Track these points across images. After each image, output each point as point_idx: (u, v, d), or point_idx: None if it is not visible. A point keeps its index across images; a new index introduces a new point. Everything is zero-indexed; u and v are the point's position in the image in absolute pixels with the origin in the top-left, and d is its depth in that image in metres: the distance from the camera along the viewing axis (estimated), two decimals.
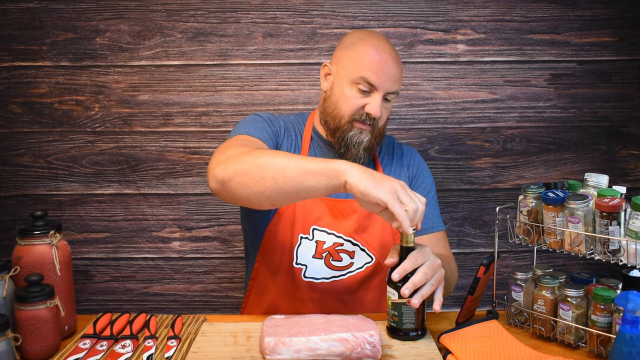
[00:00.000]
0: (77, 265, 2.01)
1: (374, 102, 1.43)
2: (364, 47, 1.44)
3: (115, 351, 1.21)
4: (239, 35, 1.94)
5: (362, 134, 1.45)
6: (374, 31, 1.53)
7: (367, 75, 1.41)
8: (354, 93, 1.44)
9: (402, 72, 1.48)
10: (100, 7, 1.93)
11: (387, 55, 1.43)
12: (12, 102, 1.97)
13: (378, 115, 1.43)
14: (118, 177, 2.00)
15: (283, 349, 1.14)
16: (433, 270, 1.23)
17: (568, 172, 2.01)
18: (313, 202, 1.48)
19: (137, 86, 1.96)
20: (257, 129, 1.43)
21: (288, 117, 1.59)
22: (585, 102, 1.99)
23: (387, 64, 1.42)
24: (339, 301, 1.48)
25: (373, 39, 1.46)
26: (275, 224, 1.49)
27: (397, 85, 1.46)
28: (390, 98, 1.47)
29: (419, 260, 1.21)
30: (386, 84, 1.43)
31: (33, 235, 1.26)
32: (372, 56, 1.42)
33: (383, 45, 1.45)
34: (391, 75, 1.43)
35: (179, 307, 2.06)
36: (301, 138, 1.54)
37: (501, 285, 1.41)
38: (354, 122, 1.45)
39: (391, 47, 1.46)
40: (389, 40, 1.49)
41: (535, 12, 1.95)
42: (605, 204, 1.16)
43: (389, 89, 1.44)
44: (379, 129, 1.48)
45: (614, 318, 1.16)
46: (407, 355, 1.19)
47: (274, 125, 1.50)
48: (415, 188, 1.57)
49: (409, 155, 1.62)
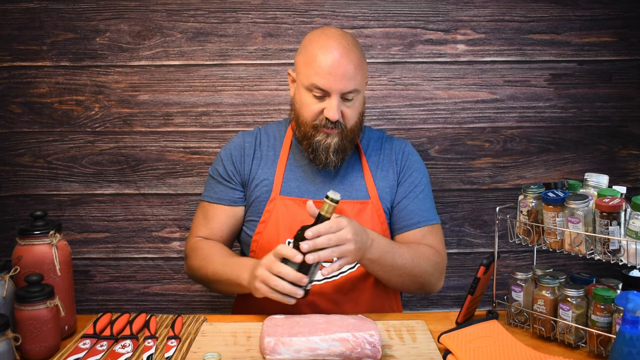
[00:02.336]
0: (77, 265, 2.01)
1: (331, 106, 1.40)
2: (312, 50, 1.41)
3: (115, 351, 1.21)
4: (239, 35, 1.95)
5: (329, 138, 1.43)
6: (327, 28, 1.48)
7: (316, 81, 1.39)
8: (310, 99, 1.42)
9: (358, 65, 1.41)
10: (100, 7, 1.93)
11: (336, 55, 1.38)
12: (12, 102, 1.97)
13: (336, 118, 1.40)
14: (118, 177, 2.00)
15: (283, 349, 1.14)
16: (338, 240, 1.25)
17: (568, 172, 2.01)
18: (297, 205, 1.48)
19: (137, 86, 1.96)
20: (215, 192, 1.56)
21: (267, 128, 1.61)
22: (585, 102, 1.98)
23: (336, 65, 1.38)
24: (332, 302, 1.47)
25: (322, 39, 1.41)
26: (260, 232, 1.50)
27: (353, 82, 1.40)
28: (351, 97, 1.42)
29: (333, 228, 1.25)
30: (338, 86, 1.39)
31: (33, 235, 1.26)
32: (319, 60, 1.39)
33: (331, 45, 1.39)
34: (342, 75, 1.38)
35: (179, 307, 2.06)
36: (281, 146, 1.55)
37: (501, 285, 1.41)
38: (319, 128, 1.43)
39: (342, 43, 1.40)
40: (346, 34, 1.44)
41: (535, 12, 1.94)
42: (605, 204, 1.16)
43: (342, 89, 1.40)
44: (348, 129, 1.45)
45: (614, 318, 1.16)
46: (407, 355, 1.19)
47: (235, 163, 1.54)
48: (403, 181, 1.54)
49: (398, 148, 1.57)
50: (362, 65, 1.43)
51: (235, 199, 1.54)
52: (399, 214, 1.52)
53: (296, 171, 1.53)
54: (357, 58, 1.41)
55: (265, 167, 1.54)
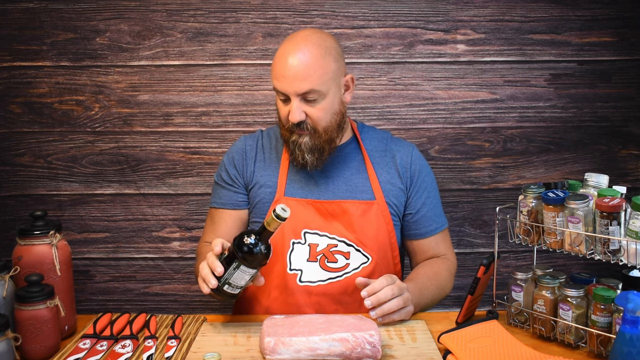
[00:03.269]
0: (77, 265, 2.01)
1: (291, 109, 1.41)
2: (276, 54, 1.43)
3: (115, 351, 1.21)
4: (239, 35, 1.95)
5: (301, 138, 1.44)
6: (300, 30, 1.46)
7: (275, 84, 1.42)
8: (280, 103, 1.45)
9: (310, 65, 1.37)
10: (100, 7, 1.93)
11: (289, 57, 1.38)
12: (12, 102, 1.97)
13: (295, 120, 1.40)
14: (118, 177, 2.00)
15: (283, 349, 1.14)
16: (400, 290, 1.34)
17: (568, 172, 2.01)
18: (300, 205, 1.48)
19: (137, 86, 1.96)
20: (220, 197, 1.57)
21: (269, 130, 1.61)
22: (585, 102, 1.98)
23: (288, 66, 1.37)
24: (337, 303, 1.47)
25: (285, 42, 1.43)
26: None
27: (307, 83, 1.37)
28: (312, 97, 1.40)
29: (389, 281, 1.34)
30: (291, 87, 1.38)
31: (33, 235, 1.26)
32: (277, 63, 1.41)
33: (287, 47, 1.40)
34: (293, 76, 1.37)
35: (179, 307, 2.06)
36: (282, 148, 1.55)
37: (501, 285, 1.41)
38: (292, 129, 1.44)
39: (298, 46, 1.38)
40: (312, 34, 1.41)
41: (535, 12, 1.94)
42: (606, 204, 1.16)
43: (297, 90, 1.38)
44: (321, 130, 1.44)
45: (614, 318, 1.16)
46: (407, 355, 1.19)
47: (237, 166, 1.55)
48: (415, 191, 1.55)
49: (404, 153, 1.56)
50: (319, 64, 1.39)
51: (239, 202, 1.55)
52: (416, 221, 1.55)
53: (299, 173, 1.52)
54: (311, 58, 1.38)
55: (268, 169, 1.54)
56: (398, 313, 1.33)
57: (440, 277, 1.51)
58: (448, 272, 1.54)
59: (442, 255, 1.57)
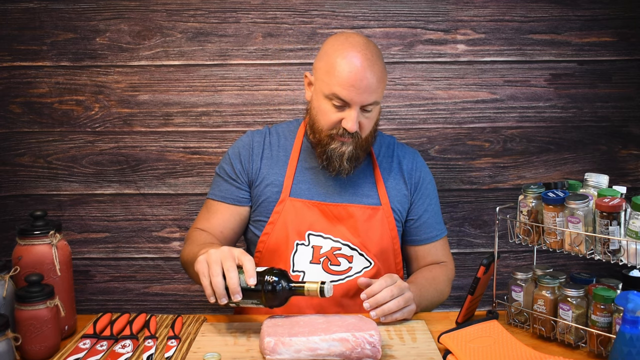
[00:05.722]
0: (77, 265, 2.01)
1: (350, 117, 1.38)
2: (335, 58, 1.38)
3: (115, 351, 1.21)
4: (239, 35, 1.94)
5: (344, 146, 1.42)
6: (351, 35, 1.44)
7: (338, 91, 1.36)
8: (329, 107, 1.40)
9: (381, 78, 1.39)
10: (100, 7, 1.93)
11: (360, 67, 1.35)
12: (12, 102, 1.97)
13: (354, 130, 1.39)
14: (118, 177, 2.00)
15: (283, 349, 1.14)
16: (400, 290, 1.33)
17: (568, 172, 2.01)
18: (306, 207, 1.48)
19: (137, 86, 1.96)
20: (220, 191, 1.55)
21: (277, 127, 1.59)
22: (585, 102, 1.99)
23: (360, 77, 1.35)
24: (338, 306, 1.47)
25: (346, 48, 1.38)
26: (268, 233, 1.49)
27: (375, 95, 1.39)
28: (371, 108, 1.41)
29: (389, 282, 1.33)
30: (360, 98, 1.37)
31: (33, 235, 1.26)
32: (343, 70, 1.36)
33: (356, 55, 1.36)
34: (364, 88, 1.36)
35: (179, 307, 2.06)
36: (291, 147, 1.54)
37: (501, 285, 1.41)
38: (334, 136, 1.42)
39: (366, 54, 1.37)
40: (369, 43, 1.41)
41: (535, 12, 1.94)
42: (606, 204, 1.16)
43: (364, 102, 1.38)
44: (363, 139, 1.44)
45: (614, 318, 1.16)
46: (407, 355, 1.19)
47: (243, 162, 1.53)
48: (418, 197, 1.55)
49: (409, 160, 1.57)
50: (384, 77, 1.41)
51: (240, 198, 1.54)
52: (417, 227, 1.56)
53: (307, 173, 1.52)
54: (380, 70, 1.39)
55: (275, 168, 1.53)
56: (400, 312, 1.33)
57: (439, 282, 1.52)
58: (446, 278, 1.55)
59: (442, 262, 1.58)
